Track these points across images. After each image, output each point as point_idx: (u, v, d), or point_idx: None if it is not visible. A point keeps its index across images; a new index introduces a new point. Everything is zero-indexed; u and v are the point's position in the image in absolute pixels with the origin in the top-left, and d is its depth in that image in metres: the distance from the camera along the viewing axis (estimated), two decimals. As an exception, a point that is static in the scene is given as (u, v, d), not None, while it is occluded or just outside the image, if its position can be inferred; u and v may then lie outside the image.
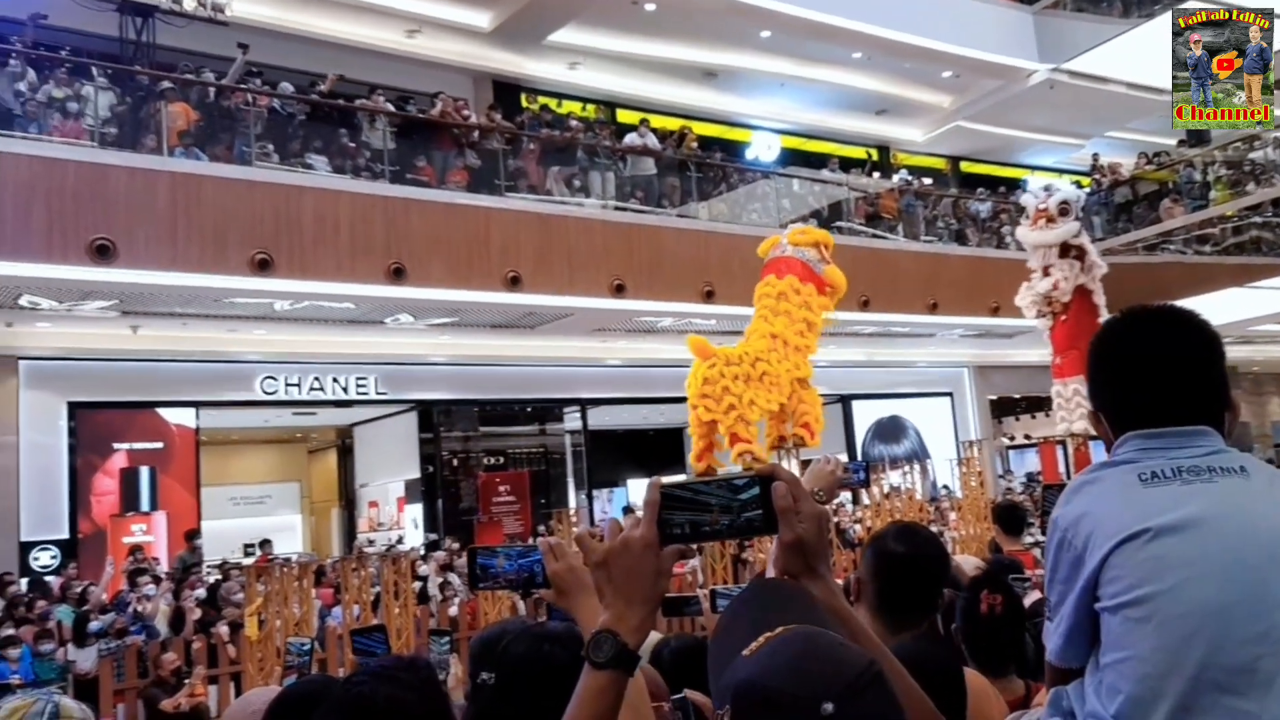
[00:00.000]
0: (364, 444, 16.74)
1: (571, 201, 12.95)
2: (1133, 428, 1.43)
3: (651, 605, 1.22)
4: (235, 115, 11.27)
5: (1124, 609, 1.31)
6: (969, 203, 18.04)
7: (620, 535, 1.23)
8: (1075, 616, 1.39)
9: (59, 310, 10.42)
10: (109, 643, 8.54)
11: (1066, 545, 1.40)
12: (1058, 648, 1.43)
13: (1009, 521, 6.05)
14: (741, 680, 0.97)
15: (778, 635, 1.01)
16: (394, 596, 7.85)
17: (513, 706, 1.75)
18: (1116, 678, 1.31)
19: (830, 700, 0.92)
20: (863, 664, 0.97)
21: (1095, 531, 1.35)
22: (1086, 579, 1.36)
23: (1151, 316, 1.50)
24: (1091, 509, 1.38)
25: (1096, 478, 1.44)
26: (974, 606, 2.62)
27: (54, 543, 11.28)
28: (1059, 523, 1.42)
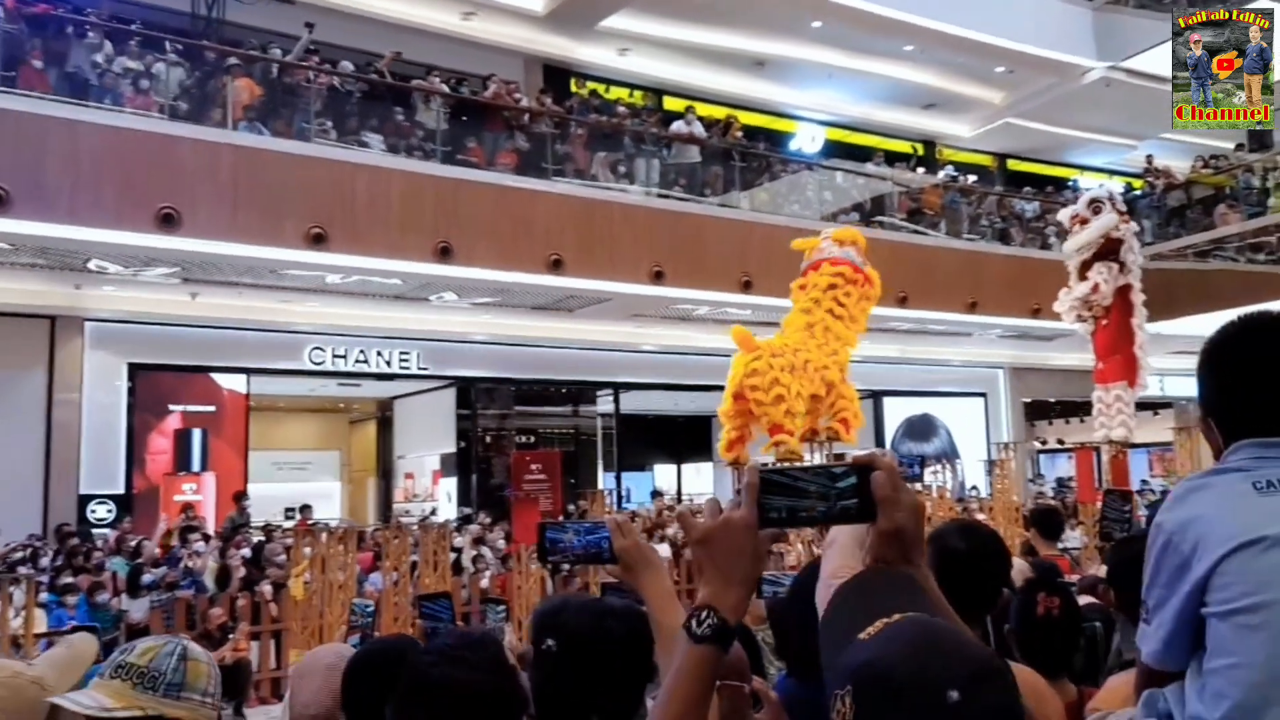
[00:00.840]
0: (403, 417, 17.11)
1: (615, 187, 13.14)
2: (1246, 435, 1.40)
3: (749, 585, 1.26)
4: (297, 92, 11.59)
5: (1236, 615, 1.29)
6: (1014, 201, 17.96)
7: (722, 515, 1.24)
8: (1178, 620, 1.37)
9: (124, 275, 10.84)
10: (160, 595, 8.97)
11: (1172, 549, 1.37)
12: (1156, 651, 1.41)
13: (1047, 526, 6.03)
14: (864, 664, 0.97)
15: (895, 621, 1.01)
16: (431, 567, 8.17)
17: (572, 675, 1.83)
18: (1224, 683, 1.29)
19: (955, 688, 0.91)
20: (986, 655, 0.98)
21: (1205, 537, 1.33)
22: (1194, 584, 1.34)
23: (1271, 322, 1.46)
24: (1202, 514, 1.36)
25: (1207, 483, 1.41)
26: (1030, 608, 2.59)
27: (110, 497, 11.79)
28: (1164, 526, 1.40)
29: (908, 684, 0.94)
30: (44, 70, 10.26)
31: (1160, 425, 19.11)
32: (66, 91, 10.21)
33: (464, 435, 15.09)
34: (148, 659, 1.69)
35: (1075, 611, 2.72)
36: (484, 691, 1.53)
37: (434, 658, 1.58)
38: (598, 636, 1.82)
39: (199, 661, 1.74)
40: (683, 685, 1.23)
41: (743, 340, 7.66)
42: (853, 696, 0.96)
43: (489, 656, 1.59)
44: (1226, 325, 1.49)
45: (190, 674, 1.71)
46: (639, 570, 1.67)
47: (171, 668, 1.69)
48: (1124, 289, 9.54)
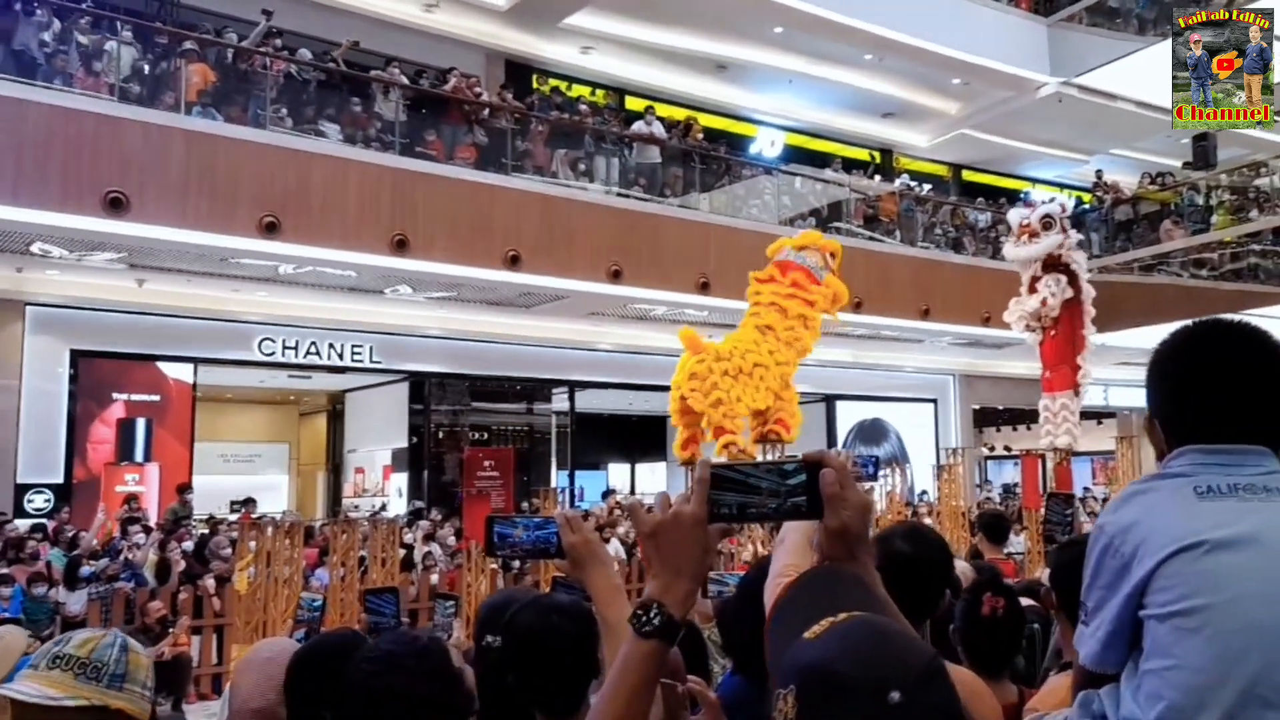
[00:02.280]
0: (355, 410, 16.91)
1: (575, 185, 13.12)
2: (1190, 441, 1.42)
3: (697, 580, 1.25)
4: (252, 78, 11.42)
5: (1174, 618, 1.30)
6: (968, 211, 18.22)
7: (671, 510, 1.24)
8: (1116, 622, 1.38)
9: (68, 259, 10.59)
10: (98, 587, 8.78)
11: (1113, 551, 1.39)
12: (1094, 652, 1.42)
13: (993, 530, 6.16)
14: (808, 663, 0.98)
15: (842, 621, 1.02)
16: (380, 563, 8.08)
17: (517, 671, 1.85)
18: (1159, 684, 1.30)
19: (898, 689, 0.92)
20: (928, 655, 0.99)
21: (1146, 540, 1.35)
22: (1133, 586, 1.35)
23: (1223, 330, 1.47)
24: (1143, 518, 1.37)
25: (1150, 487, 1.43)
26: (975, 608, 2.62)
27: (48, 486, 11.50)
28: (1106, 529, 1.41)
29: (850, 684, 0.95)
30: (-12, 48, 10.01)
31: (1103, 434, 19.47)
32: (13, 70, 9.97)
33: (416, 430, 14.95)
34: (88, 650, 1.69)
35: (1019, 612, 2.75)
36: (427, 700, 1.53)
37: (376, 665, 1.58)
38: (544, 632, 1.83)
39: (139, 654, 1.75)
40: (628, 679, 1.22)
41: (690, 342, 7.71)
42: (795, 695, 0.97)
43: (432, 664, 1.59)
44: (1177, 331, 1.50)
45: (132, 665, 1.72)
46: (587, 566, 1.67)
47: (114, 658, 1.70)
48: (1071, 301, 9.72)
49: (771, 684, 1.05)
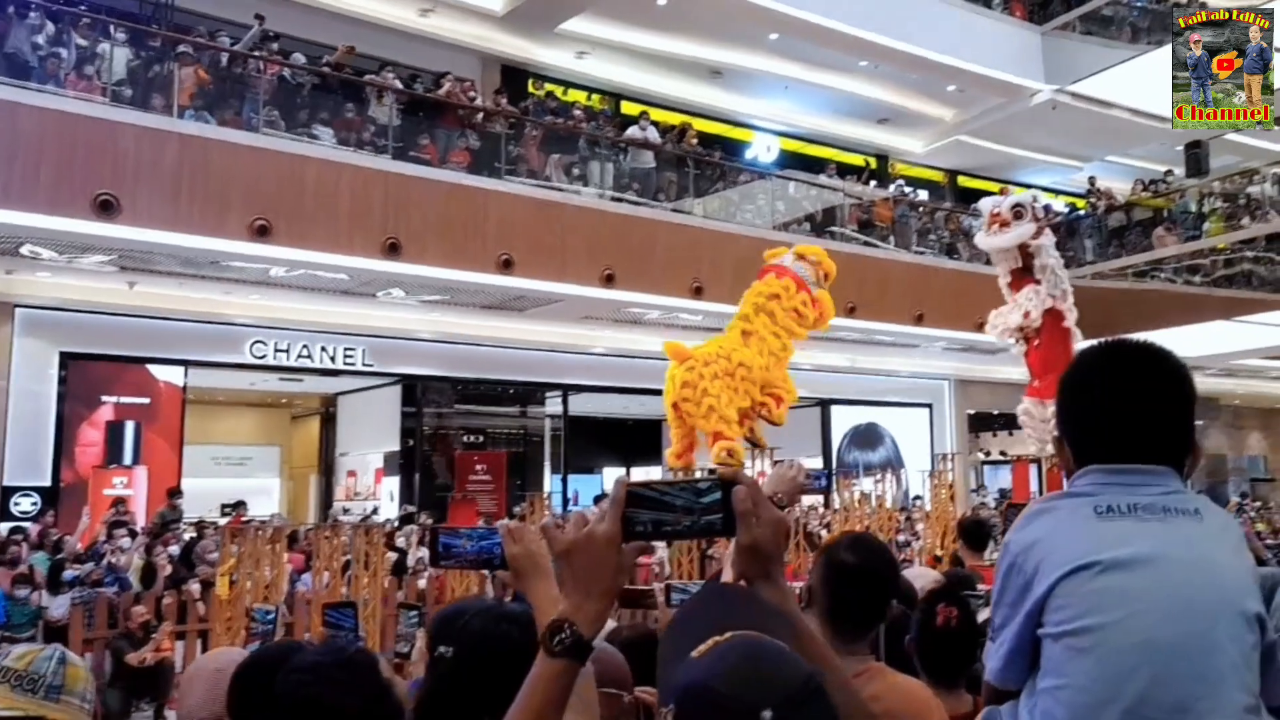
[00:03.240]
0: (346, 414, 16.88)
1: (569, 189, 13.09)
2: (1094, 460, 1.44)
3: (609, 598, 1.26)
4: (246, 81, 11.39)
5: (1066, 637, 1.32)
6: (962, 217, 18.22)
7: (585, 529, 1.25)
8: (1017, 640, 1.40)
9: (58, 262, 10.56)
10: (82, 592, 8.72)
11: (1016, 570, 1.41)
12: (997, 669, 1.44)
13: (974, 537, 6.15)
14: (687, 683, 1.00)
15: (726, 640, 1.03)
16: (364, 567, 8.02)
17: (469, 681, 1.83)
18: (1052, 703, 1.32)
19: (769, 708, 0.94)
20: (803, 676, 1.00)
21: (1045, 559, 1.37)
22: (1032, 605, 1.37)
23: (1127, 351, 1.49)
24: (1044, 537, 1.39)
25: (1052, 506, 1.45)
26: (930, 619, 2.64)
27: (35, 489, 11.45)
28: (1011, 547, 1.44)
29: (725, 702, 0.97)
30: (-20, 51, 9.97)
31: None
32: (4, 71, 9.91)
33: (409, 434, 14.91)
34: (25, 663, 1.70)
35: (973, 622, 2.75)
36: (353, 711, 1.53)
37: (303, 676, 1.58)
38: (494, 640, 1.82)
39: (77, 667, 1.76)
40: (536, 696, 1.25)
41: (674, 353, 7.66)
42: (674, 714, 1.00)
43: (360, 675, 1.59)
44: (1084, 351, 1.53)
45: (69, 677, 1.73)
46: (529, 577, 1.65)
47: (51, 670, 1.70)
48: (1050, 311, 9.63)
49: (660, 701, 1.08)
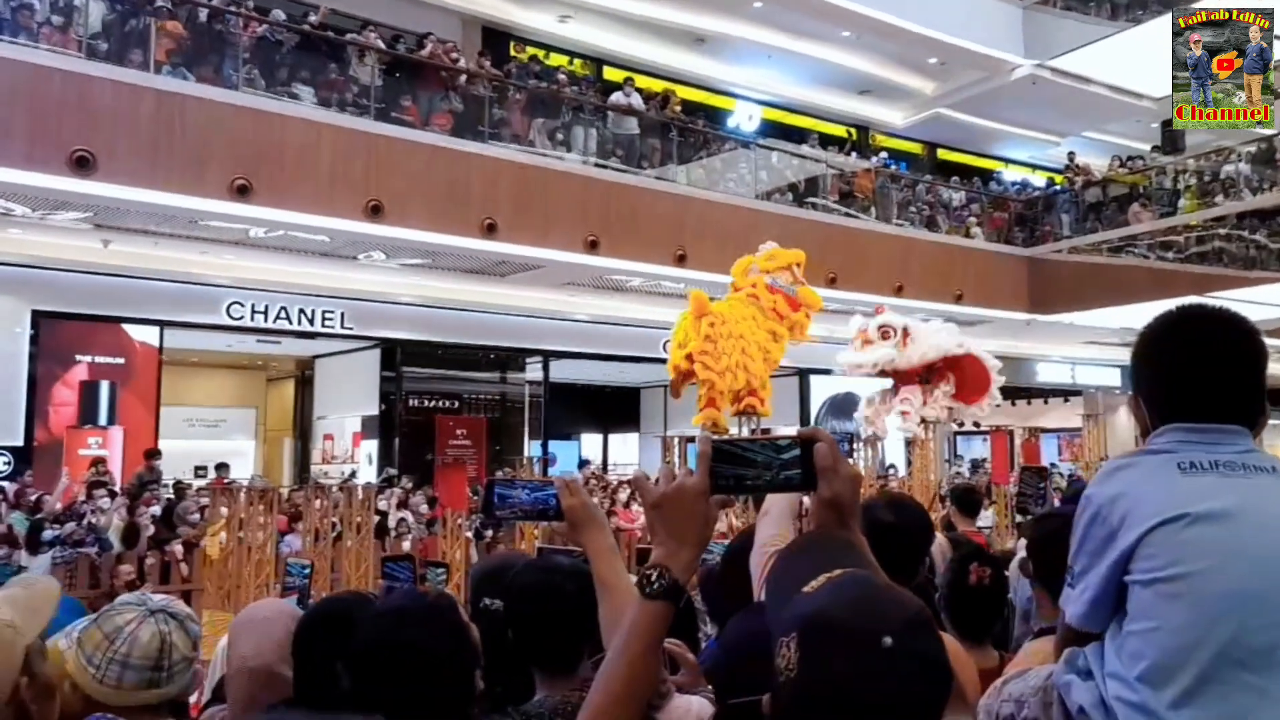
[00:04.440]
0: (324, 377, 16.76)
1: (553, 154, 12.99)
2: (1174, 419, 1.51)
3: (699, 547, 1.34)
4: (225, 38, 11.17)
5: (1157, 584, 1.40)
6: (941, 190, 18.32)
7: (675, 483, 1.33)
8: (1102, 586, 1.47)
9: (31, 218, 10.35)
10: (63, 551, 8.64)
11: (1100, 520, 1.48)
12: (1081, 613, 1.51)
13: (965, 503, 6.32)
14: (808, 613, 1.07)
15: (838, 577, 1.11)
16: (354, 529, 8.02)
17: (518, 630, 1.90)
18: (1142, 644, 1.41)
19: (890, 635, 1.02)
20: (916, 607, 1.08)
21: (1132, 511, 1.44)
22: (1119, 554, 1.45)
23: (1205, 315, 1.56)
24: (1129, 490, 1.47)
25: (1134, 462, 1.52)
26: (962, 578, 2.72)
27: (8, 449, 11.29)
28: (1094, 499, 1.51)
29: (847, 630, 1.04)
30: (-50, -1, 9.71)
31: (1070, 411, 19.75)
32: (-25, 24, 9.69)
33: (387, 398, 14.85)
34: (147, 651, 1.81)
35: (1003, 582, 2.88)
36: (438, 653, 1.61)
37: (389, 620, 1.65)
38: (545, 592, 1.89)
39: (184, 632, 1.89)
40: (636, 640, 1.31)
41: (699, 304, 7.58)
42: (797, 642, 1.06)
43: (443, 618, 1.67)
44: (1165, 314, 1.58)
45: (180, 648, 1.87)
46: (585, 528, 1.71)
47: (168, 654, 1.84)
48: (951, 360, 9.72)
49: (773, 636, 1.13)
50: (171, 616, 1.83)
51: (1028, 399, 20.04)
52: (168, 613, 1.83)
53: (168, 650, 1.79)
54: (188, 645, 1.84)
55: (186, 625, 1.86)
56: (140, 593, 1.89)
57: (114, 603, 1.88)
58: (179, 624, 1.83)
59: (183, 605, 1.90)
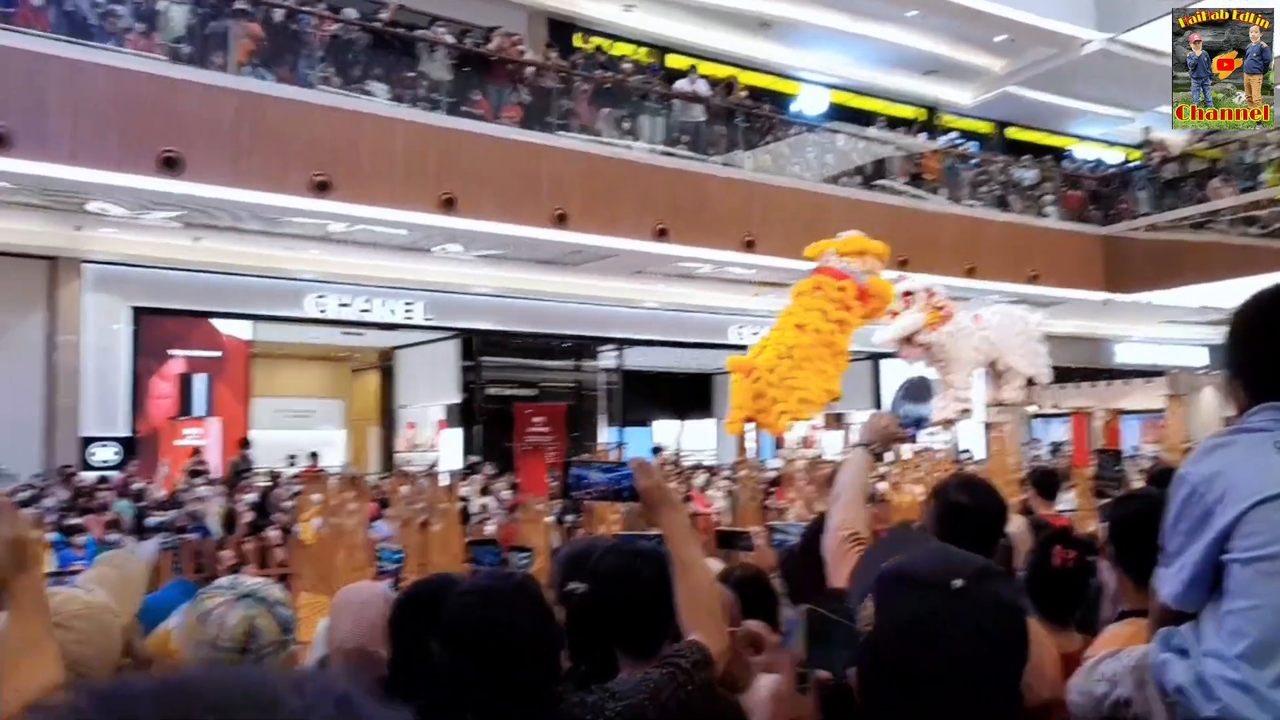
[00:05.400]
0: (405, 367, 17.13)
1: (620, 143, 13.09)
2: (1270, 397, 1.49)
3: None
4: (300, 38, 11.48)
5: (1258, 562, 1.39)
6: (1013, 169, 18.01)
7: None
8: (1199, 565, 1.46)
9: (125, 218, 10.78)
10: (167, 537, 9.02)
11: (1196, 499, 1.47)
12: (1177, 592, 1.50)
13: (1045, 486, 6.27)
14: (883, 571, 1.16)
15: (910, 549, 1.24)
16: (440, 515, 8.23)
17: (603, 614, 1.95)
18: (1243, 623, 1.39)
19: (961, 579, 1.09)
20: (984, 562, 1.17)
21: (1230, 490, 1.43)
22: (1217, 533, 1.43)
23: None
24: (1226, 469, 1.45)
25: (1231, 441, 1.51)
26: (1046, 560, 2.69)
27: (114, 440, 11.79)
28: (1188, 478, 1.49)
29: (918, 577, 1.12)
30: (42, 8, 10.10)
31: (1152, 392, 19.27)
32: (65, 30, 10.06)
33: (467, 387, 15.14)
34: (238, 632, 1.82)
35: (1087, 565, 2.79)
36: (523, 631, 1.62)
37: (476, 598, 1.68)
38: (627, 576, 1.93)
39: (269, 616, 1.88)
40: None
41: (738, 367, 7.84)
42: (875, 595, 1.14)
43: (528, 598, 1.69)
44: (1260, 293, 1.58)
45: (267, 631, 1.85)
46: (660, 508, 1.79)
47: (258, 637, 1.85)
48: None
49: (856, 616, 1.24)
50: (260, 600, 1.83)
51: (1107, 380, 19.62)
52: (256, 596, 1.83)
53: (255, 634, 1.79)
54: (275, 629, 1.82)
55: (275, 610, 1.84)
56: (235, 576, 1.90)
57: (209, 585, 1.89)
58: (267, 608, 1.83)
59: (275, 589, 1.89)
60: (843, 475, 2.36)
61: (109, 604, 1.82)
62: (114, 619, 1.80)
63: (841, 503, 2.22)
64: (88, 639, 1.69)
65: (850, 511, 2.18)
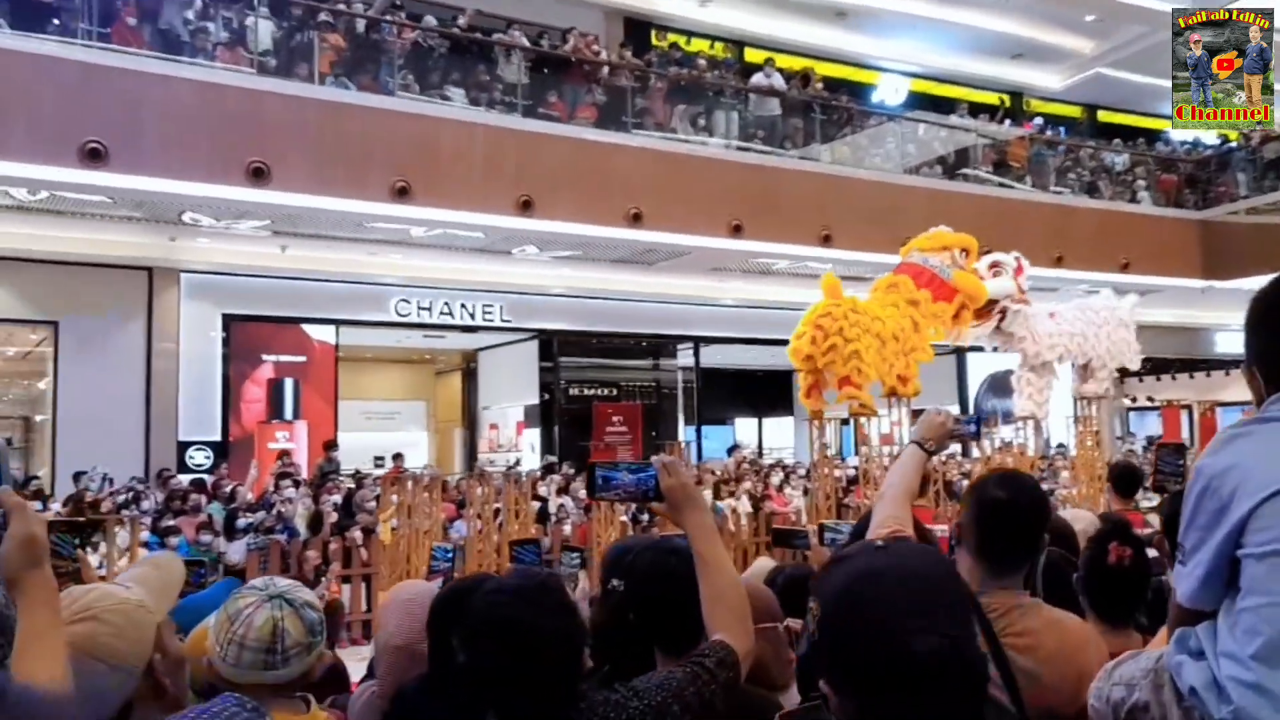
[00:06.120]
0: (487, 368, 17.40)
1: (695, 140, 13.06)
2: None
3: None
4: (380, 46, 11.72)
5: (1272, 557, 1.33)
6: (1103, 154, 17.44)
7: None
8: (1214, 562, 1.40)
9: (217, 228, 11.17)
10: (256, 538, 9.32)
11: (1210, 493, 1.42)
12: (1192, 590, 1.45)
13: (1123, 482, 6.05)
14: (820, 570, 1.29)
15: None
16: (515, 515, 8.35)
17: (640, 610, 1.96)
18: (1257, 621, 1.33)
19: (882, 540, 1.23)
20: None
21: (1244, 482, 1.37)
22: (1231, 527, 1.37)
23: None
24: (1240, 461, 1.40)
25: (1248, 431, 1.45)
26: (1101, 557, 2.61)
27: (208, 443, 12.26)
28: (1204, 471, 1.44)
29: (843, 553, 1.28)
30: (137, 27, 10.51)
31: (1253, 384, 18.45)
32: (159, 48, 10.44)
33: (546, 387, 15.33)
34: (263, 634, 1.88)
35: (1145, 563, 2.71)
36: (545, 628, 1.63)
37: (499, 596, 1.68)
38: (662, 573, 1.94)
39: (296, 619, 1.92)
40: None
41: (831, 288, 7.65)
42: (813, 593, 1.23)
43: (550, 596, 1.69)
44: (1276, 279, 1.53)
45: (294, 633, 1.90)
46: (684, 508, 1.79)
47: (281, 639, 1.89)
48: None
49: None
50: (288, 603, 1.87)
51: (1206, 371, 18.86)
52: (285, 598, 1.87)
53: (280, 635, 1.83)
54: (301, 631, 1.86)
55: (302, 612, 1.88)
56: (269, 577, 1.95)
57: (243, 586, 1.95)
58: (294, 610, 1.86)
59: (305, 592, 1.94)
60: (893, 472, 2.33)
61: (144, 601, 1.89)
62: (148, 615, 1.87)
63: (887, 499, 2.20)
64: (120, 632, 1.75)
65: (895, 508, 2.16)
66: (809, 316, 7.76)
